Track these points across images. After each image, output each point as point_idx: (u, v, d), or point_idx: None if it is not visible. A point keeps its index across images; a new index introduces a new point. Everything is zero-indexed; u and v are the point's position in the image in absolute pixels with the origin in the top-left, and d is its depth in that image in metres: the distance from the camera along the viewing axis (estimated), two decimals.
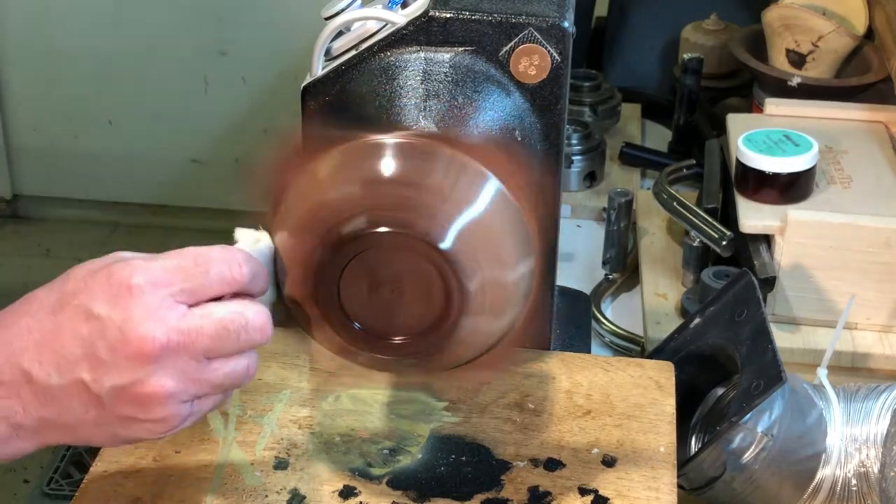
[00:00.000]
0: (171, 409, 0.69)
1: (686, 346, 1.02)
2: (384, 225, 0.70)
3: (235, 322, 0.69)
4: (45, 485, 2.32)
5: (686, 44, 1.65)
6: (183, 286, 0.68)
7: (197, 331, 0.68)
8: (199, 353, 0.68)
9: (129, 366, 0.67)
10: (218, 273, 0.69)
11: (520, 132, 0.87)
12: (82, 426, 0.70)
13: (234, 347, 0.69)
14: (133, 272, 0.67)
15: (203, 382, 0.69)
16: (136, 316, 0.67)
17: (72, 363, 0.68)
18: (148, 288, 0.67)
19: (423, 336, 0.73)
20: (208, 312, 0.68)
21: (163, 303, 0.67)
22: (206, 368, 0.69)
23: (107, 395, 0.68)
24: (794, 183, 1.17)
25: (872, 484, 0.92)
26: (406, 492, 0.84)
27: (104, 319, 0.67)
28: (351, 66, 0.87)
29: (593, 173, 1.49)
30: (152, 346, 0.66)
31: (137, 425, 0.69)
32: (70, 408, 0.69)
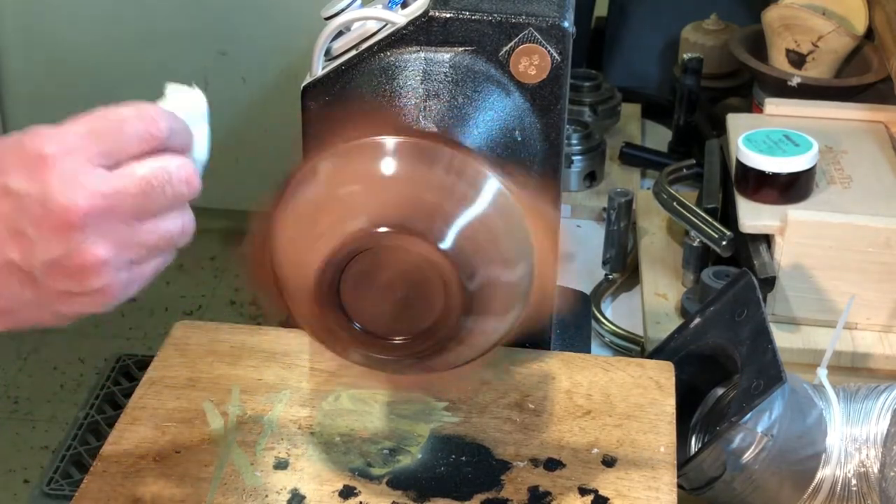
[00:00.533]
0: (108, 277, 0.66)
1: (686, 346, 1.02)
2: (384, 225, 0.70)
3: (159, 177, 0.66)
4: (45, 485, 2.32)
5: (686, 44, 1.65)
6: (99, 148, 0.65)
7: (120, 192, 0.65)
8: (127, 214, 0.66)
9: (56, 238, 0.64)
10: (133, 131, 0.66)
11: (520, 132, 0.87)
12: (22, 308, 0.68)
13: (163, 204, 0.67)
14: (44, 141, 0.65)
15: (137, 245, 0.67)
16: (54, 186, 0.64)
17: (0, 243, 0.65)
18: (62, 155, 0.64)
19: (424, 336, 0.73)
20: (129, 172, 0.66)
21: (80, 168, 0.64)
22: (137, 230, 0.66)
23: (40, 272, 0.65)
24: (794, 183, 1.17)
25: (872, 484, 0.92)
26: (406, 492, 0.84)
27: (22, 195, 0.64)
28: (351, 66, 0.87)
29: (593, 173, 1.49)
30: (76, 214, 0.64)
31: (77, 299, 0.67)
32: (5, 291, 0.66)
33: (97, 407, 2.53)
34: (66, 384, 2.64)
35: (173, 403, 0.91)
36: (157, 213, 0.67)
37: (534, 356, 0.97)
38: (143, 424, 0.89)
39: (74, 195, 0.64)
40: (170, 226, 0.68)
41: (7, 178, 0.65)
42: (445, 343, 0.73)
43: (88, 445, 2.40)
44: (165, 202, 0.67)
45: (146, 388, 0.93)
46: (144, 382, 0.94)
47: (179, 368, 0.95)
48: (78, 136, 0.65)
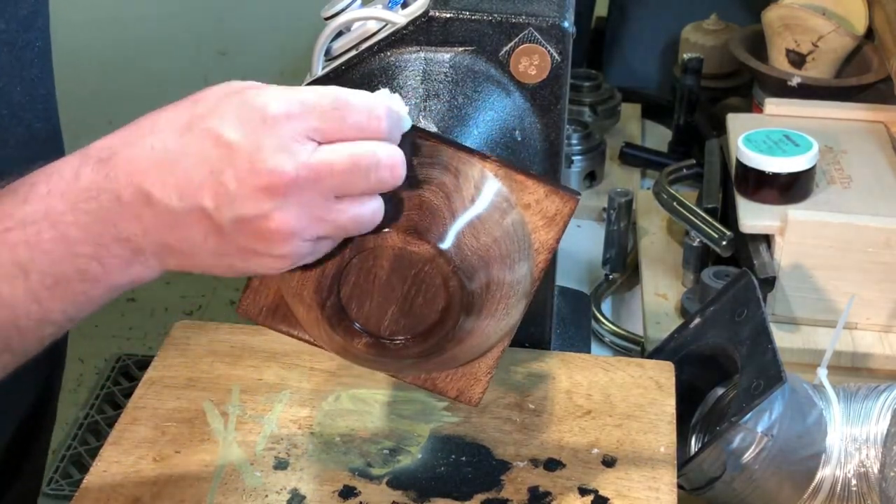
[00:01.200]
0: (293, 246, 0.66)
1: (686, 346, 1.02)
2: (385, 225, 0.70)
3: (366, 159, 0.65)
4: (45, 485, 2.32)
5: (686, 44, 1.65)
6: (319, 124, 0.65)
7: (328, 167, 0.64)
8: (328, 190, 0.65)
9: (254, 198, 0.64)
10: (355, 122, 0.65)
11: (520, 132, 0.87)
12: (201, 253, 0.67)
13: (364, 186, 0.66)
14: (269, 101, 0.64)
15: (328, 223, 0.66)
16: (267, 146, 0.63)
17: (195, 188, 0.64)
18: (283, 119, 0.64)
19: (424, 336, 0.73)
20: (339, 149, 0.65)
21: (296, 136, 0.64)
22: (333, 208, 0.66)
23: (228, 226, 0.65)
24: (794, 183, 1.17)
25: (872, 484, 0.92)
26: (406, 492, 0.84)
27: (234, 146, 0.64)
28: (351, 66, 0.87)
29: (593, 173, 1.49)
30: (281, 179, 0.63)
31: (256, 259, 0.67)
32: (190, 235, 0.66)
33: (97, 407, 2.53)
34: (66, 384, 2.63)
35: (173, 403, 0.91)
36: (355, 195, 0.66)
37: (534, 356, 0.97)
38: (143, 424, 0.89)
39: (285, 161, 0.63)
40: (364, 210, 0.67)
41: (223, 127, 0.64)
42: (446, 343, 0.73)
43: (88, 445, 2.41)
44: (367, 186, 0.66)
45: (146, 388, 0.93)
46: (144, 382, 0.94)
47: (179, 368, 0.95)
48: (303, 106, 0.65)
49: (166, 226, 0.66)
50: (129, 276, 0.69)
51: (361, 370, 0.91)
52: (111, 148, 0.67)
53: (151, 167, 0.65)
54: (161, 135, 0.66)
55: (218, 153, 0.64)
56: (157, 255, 0.68)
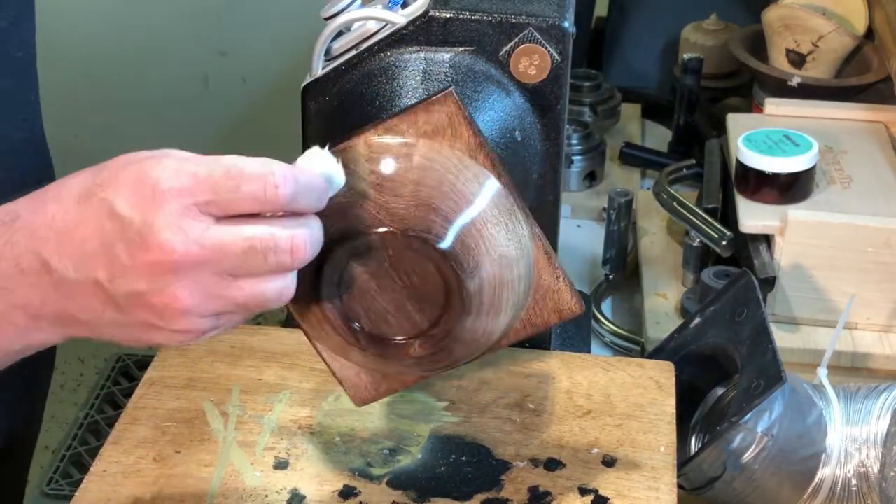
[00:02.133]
0: (190, 321, 0.65)
1: (686, 346, 1.02)
2: (384, 225, 0.70)
3: (263, 243, 0.64)
4: (45, 485, 2.32)
5: (686, 44, 1.65)
6: (212, 198, 0.64)
7: (219, 247, 0.64)
8: (223, 270, 0.64)
9: (145, 273, 0.64)
10: (250, 192, 0.64)
11: (520, 132, 0.87)
12: (101, 324, 0.67)
13: (263, 268, 0.65)
14: (161, 175, 0.63)
15: (226, 300, 0.65)
16: (157, 223, 0.63)
17: (90, 260, 0.64)
18: (173, 194, 0.63)
19: (425, 336, 0.73)
20: (235, 230, 0.64)
21: (187, 212, 0.63)
22: (230, 286, 0.65)
23: (123, 299, 0.65)
24: (794, 183, 1.17)
25: (872, 484, 0.92)
26: (406, 492, 0.84)
27: (125, 220, 0.63)
28: (351, 66, 0.87)
29: (593, 173, 1.49)
30: (170, 256, 0.63)
31: (157, 332, 0.66)
32: (88, 305, 0.66)
33: (97, 407, 2.53)
34: (66, 384, 2.64)
35: (173, 403, 0.91)
36: (254, 275, 0.65)
37: (534, 356, 0.97)
38: (143, 424, 0.89)
39: (174, 238, 0.63)
40: (267, 288, 0.66)
41: (117, 200, 0.64)
42: (447, 342, 0.73)
43: (88, 445, 2.41)
44: (266, 268, 0.65)
45: (146, 388, 0.93)
46: (144, 382, 0.94)
47: (179, 368, 0.95)
48: (195, 179, 0.64)
49: (64, 296, 0.66)
50: (26, 342, 0.69)
51: None
52: (14, 213, 0.68)
53: (50, 235, 0.66)
54: (62, 204, 0.66)
55: (111, 226, 0.64)
56: (57, 324, 0.68)
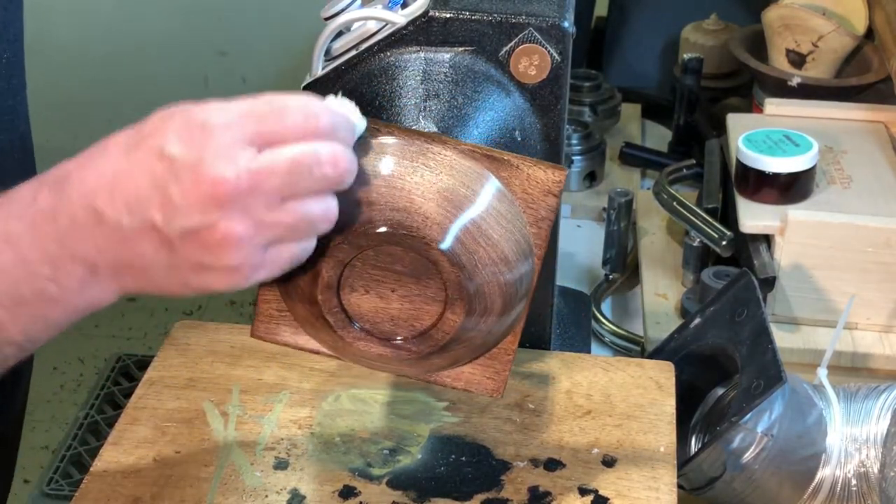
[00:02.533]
0: (243, 255, 0.66)
1: (686, 346, 1.02)
2: (384, 225, 0.70)
3: (307, 157, 0.66)
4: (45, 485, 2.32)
5: (686, 44, 1.65)
6: (257, 129, 0.66)
7: (268, 170, 0.65)
8: (272, 192, 0.66)
9: (198, 208, 0.65)
10: (293, 122, 0.66)
11: (520, 132, 0.87)
12: (155, 270, 0.68)
13: (308, 184, 0.67)
14: (208, 114, 0.66)
15: (276, 225, 0.67)
16: (207, 156, 0.65)
17: (143, 204, 0.66)
18: (220, 129, 0.65)
19: (424, 336, 0.73)
20: (279, 152, 0.66)
21: (235, 144, 0.65)
22: (279, 210, 0.66)
23: (178, 238, 0.66)
24: (794, 183, 1.17)
25: (872, 484, 0.92)
26: (406, 492, 0.84)
27: (177, 159, 0.65)
28: (351, 66, 0.87)
29: (593, 173, 1.49)
30: (223, 186, 0.64)
31: (209, 274, 0.67)
32: (142, 251, 0.67)
33: (97, 407, 2.53)
34: (66, 384, 2.64)
35: (173, 403, 0.91)
36: (301, 195, 0.67)
37: (534, 356, 0.97)
38: (143, 424, 0.89)
39: (224, 168, 0.64)
40: (313, 208, 0.67)
41: (166, 143, 0.66)
42: (446, 342, 0.73)
43: (88, 445, 2.40)
44: (311, 184, 0.67)
45: (146, 388, 0.93)
46: (144, 382, 0.94)
47: (179, 368, 0.95)
48: (240, 113, 0.66)
49: (118, 243, 0.67)
50: (87, 298, 0.70)
51: (361, 370, 0.91)
52: (66, 171, 0.69)
53: (102, 187, 0.67)
54: (110, 157, 0.68)
55: (162, 168, 0.66)
56: (112, 275, 0.69)
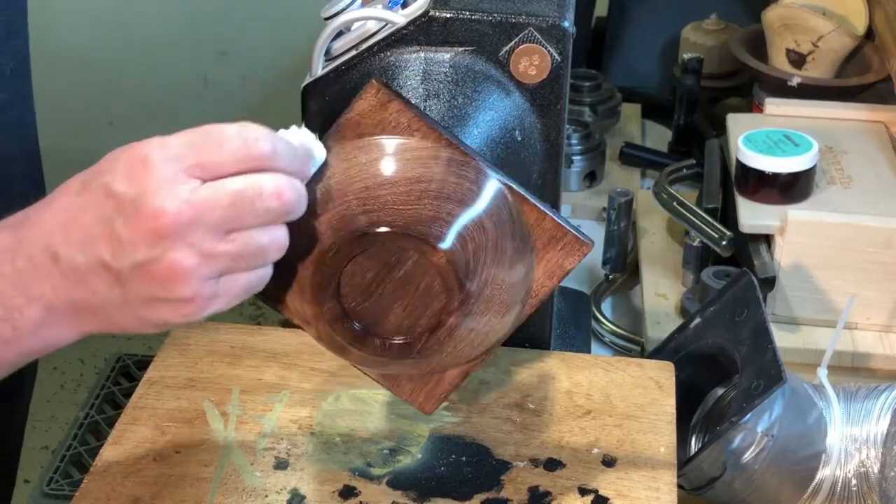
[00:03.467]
0: (193, 287, 0.67)
1: (686, 346, 1.02)
2: (384, 225, 0.70)
3: (249, 190, 0.67)
4: (45, 485, 2.32)
5: (686, 44, 1.65)
6: (197, 160, 0.67)
7: (209, 202, 0.66)
8: (215, 225, 0.67)
9: (144, 241, 0.66)
10: (232, 148, 0.67)
11: (520, 132, 0.87)
12: (110, 308, 0.69)
13: (252, 218, 0.68)
14: (149, 148, 0.67)
15: (223, 256, 0.68)
16: (149, 190, 0.66)
17: (94, 242, 0.67)
18: (161, 163, 0.66)
19: (423, 336, 0.73)
20: (221, 184, 0.67)
21: (176, 177, 0.66)
22: (224, 241, 0.67)
23: (128, 273, 0.67)
24: (794, 183, 1.17)
25: (872, 484, 0.92)
26: (406, 492, 0.84)
27: (121, 196, 0.67)
28: (351, 66, 0.87)
29: (593, 173, 1.49)
30: (164, 219, 0.66)
31: (163, 307, 0.69)
32: (95, 288, 0.68)
33: (97, 407, 2.53)
34: (66, 384, 2.64)
35: (173, 403, 0.91)
36: (245, 226, 0.68)
37: (534, 356, 0.97)
38: (143, 424, 0.89)
39: (165, 201, 0.66)
40: (259, 239, 0.68)
41: (113, 181, 0.67)
42: (445, 344, 0.73)
43: (88, 445, 2.40)
44: (255, 217, 0.68)
45: (146, 388, 0.93)
46: (144, 382, 0.94)
47: (179, 368, 0.95)
48: (180, 145, 0.67)
49: (73, 282, 0.69)
50: (42, 339, 0.71)
51: None
52: (25, 214, 0.71)
53: (56, 227, 0.69)
54: (64, 198, 0.70)
55: (109, 205, 0.67)
56: (69, 315, 0.70)
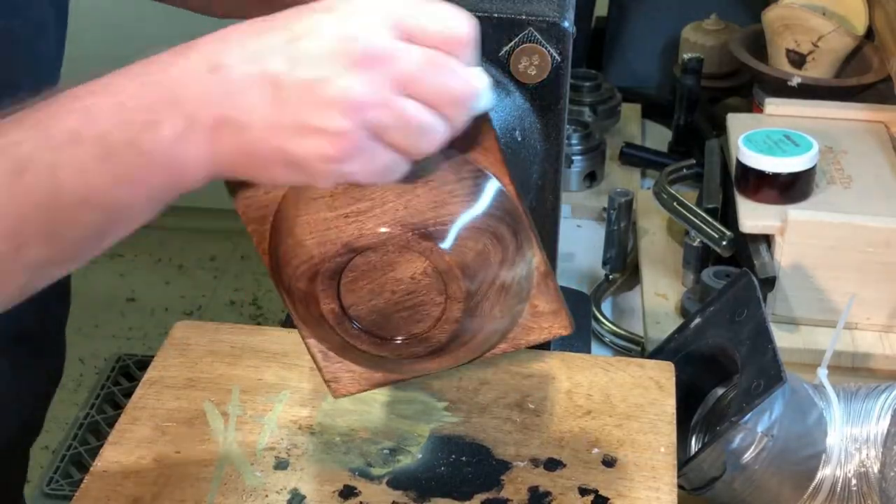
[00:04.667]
0: (349, 122, 0.64)
1: (686, 346, 1.02)
2: (384, 225, 0.70)
3: (445, 64, 0.65)
4: (45, 485, 2.32)
5: (686, 44, 1.65)
6: (400, 17, 0.65)
7: (405, 53, 0.65)
8: (401, 76, 0.65)
9: (329, 60, 0.64)
10: (441, 17, 0.66)
11: (520, 132, 0.87)
12: (255, 129, 0.65)
13: (435, 91, 0.66)
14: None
15: (392, 111, 0.65)
16: (354, 23, 0.64)
17: (270, 54, 0.65)
18: (368, 7, 0.65)
19: (424, 337, 0.73)
20: (418, 47, 0.65)
21: (381, 23, 0.65)
22: (400, 97, 0.65)
23: (292, 89, 0.64)
24: (794, 183, 1.17)
25: (872, 484, 0.92)
26: (406, 492, 0.84)
27: (324, 20, 0.65)
28: None
29: (593, 173, 1.49)
30: (359, 45, 0.64)
31: (310, 137, 0.65)
32: (249, 102, 0.65)
33: (97, 407, 2.53)
34: (66, 384, 2.64)
35: (173, 403, 0.91)
36: (423, 94, 0.65)
37: (534, 356, 0.97)
38: (143, 424, 0.89)
39: (367, 32, 0.64)
40: (426, 116, 0.66)
41: (314, 7, 0.66)
42: (445, 344, 0.73)
43: (88, 445, 2.41)
44: (437, 91, 0.66)
45: (146, 388, 0.93)
46: (144, 382, 0.94)
47: (179, 368, 0.95)
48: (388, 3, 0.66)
49: (227, 93, 0.65)
50: (177, 156, 0.66)
51: None
52: (194, 41, 0.68)
53: (228, 44, 0.66)
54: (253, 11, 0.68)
55: (301, 27, 0.65)
56: (209, 131, 0.66)
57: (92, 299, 2.85)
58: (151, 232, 3.38)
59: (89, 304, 2.85)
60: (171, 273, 2.99)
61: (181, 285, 2.94)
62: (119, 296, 2.91)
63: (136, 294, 2.93)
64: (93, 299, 2.86)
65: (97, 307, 2.85)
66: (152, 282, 2.97)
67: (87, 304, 2.86)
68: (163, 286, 2.95)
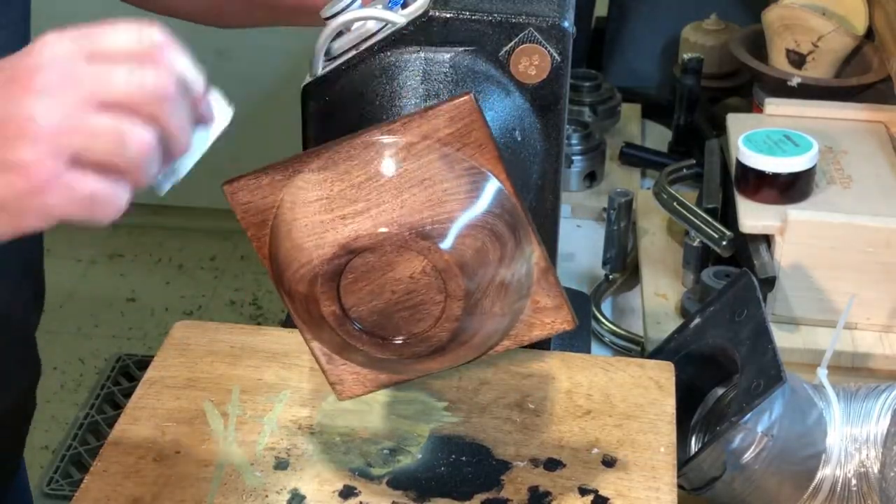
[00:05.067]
0: (41, 150, 0.62)
1: (686, 346, 1.02)
2: (384, 224, 0.70)
3: (134, 74, 0.65)
4: (45, 485, 2.32)
5: (686, 44, 1.65)
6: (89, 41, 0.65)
7: (89, 70, 0.64)
8: (88, 94, 0.63)
9: (12, 93, 0.63)
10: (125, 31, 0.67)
11: (520, 132, 0.87)
12: None
13: (123, 89, 0.64)
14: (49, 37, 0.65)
15: (84, 131, 0.63)
16: (33, 52, 0.64)
17: None
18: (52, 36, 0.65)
19: (424, 337, 0.73)
20: (109, 68, 0.65)
21: (67, 50, 0.64)
22: (91, 116, 0.63)
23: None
24: (794, 183, 1.17)
25: (872, 484, 0.92)
26: (406, 492, 0.84)
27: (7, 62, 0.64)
28: (351, 66, 0.87)
29: (593, 173, 1.49)
30: (39, 59, 0.63)
31: (4, 175, 0.62)
32: None
33: (97, 407, 2.53)
34: (66, 384, 2.64)
35: (173, 403, 0.91)
36: (114, 104, 0.64)
37: (534, 356, 0.97)
38: (143, 424, 0.89)
39: (41, 55, 0.64)
40: (123, 126, 0.64)
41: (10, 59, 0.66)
42: (447, 343, 0.73)
43: (88, 445, 2.41)
44: (127, 88, 0.64)
45: (146, 388, 0.93)
46: (144, 382, 0.94)
47: (179, 368, 0.95)
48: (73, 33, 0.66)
49: None
50: None
51: None
52: None
53: None
54: None
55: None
56: None
57: (92, 299, 2.86)
58: (151, 232, 3.40)
59: (89, 304, 2.85)
60: (171, 273, 2.99)
61: (181, 285, 2.94)
62: (119, 296, 2.91)
63: (136, 294, 2.93)
64: (93, 299, 2.86)
65: (97, 307, 2.85)
66: (152, 282, 2.97)
67: (87, 304, 2.86)
68: (163, 286, 2.95)
